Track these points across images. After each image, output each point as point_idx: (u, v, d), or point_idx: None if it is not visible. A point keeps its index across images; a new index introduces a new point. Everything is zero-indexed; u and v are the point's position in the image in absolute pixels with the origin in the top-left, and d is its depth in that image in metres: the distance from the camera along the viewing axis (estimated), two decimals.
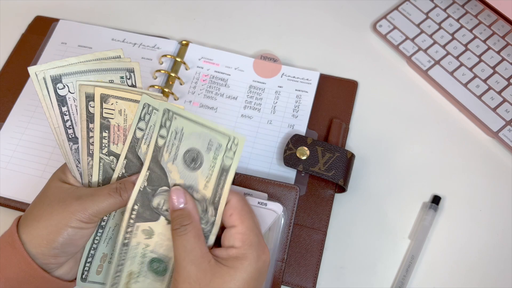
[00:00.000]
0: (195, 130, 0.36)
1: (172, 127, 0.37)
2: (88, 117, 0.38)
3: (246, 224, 0.37)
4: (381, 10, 0.64)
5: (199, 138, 0.36)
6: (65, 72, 0.38)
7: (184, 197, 0.37)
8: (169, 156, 0.37)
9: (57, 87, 0.38)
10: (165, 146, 0.37)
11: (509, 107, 0.56)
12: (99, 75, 0.39)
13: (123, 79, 0.39)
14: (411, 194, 0.53)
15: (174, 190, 0.38)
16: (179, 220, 0.37)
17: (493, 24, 0.61)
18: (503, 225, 0.51)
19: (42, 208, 0.38)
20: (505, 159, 0.55)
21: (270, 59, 0.60)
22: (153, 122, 0.38)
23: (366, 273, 0.50)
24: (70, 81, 0.38)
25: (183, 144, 0.37)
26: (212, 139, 0.36)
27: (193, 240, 0.36)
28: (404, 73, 0.60)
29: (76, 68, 0.38)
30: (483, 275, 0.49)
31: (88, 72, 0.38)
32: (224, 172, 0.37)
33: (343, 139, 0.55)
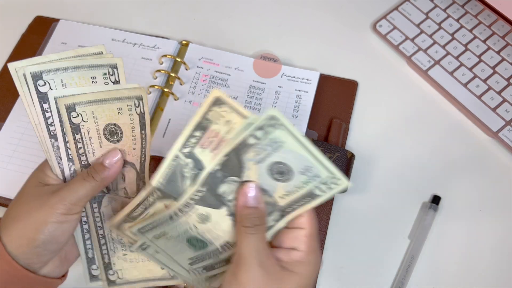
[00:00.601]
0: (296, 151, 0.33)
1: (271, 134, 0.33)
2: (73, 128, 0.38)
3: (314, 229, 0.36)
4: (381, 10, 0.64)
5: (297, 159, 0.34)
6: (46, 69, 0.37)
7: (260, 196, 0.36)
8: (255, 157, 0.34)
9: (38, 84, 0.37)
10: (254, 146, 0.34)
11: (509, 107, 0.56)
12: (81, 71, 0.38)
13: (105, 75, 0.38)
14: (411, 194, 0.53)
15: (252, 185, 0.35)
16: (253, 219, 0.36)
17: (493, 24, 0.61)
18: (503, 225, 0.51)
19: (20, 207, 0.38)
20: (505, 159, 0.55)
21: (270, 59, 0.60)
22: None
23: (366, 273, 0.50)
24: (51, 78, 0.37)
25: (276, 155, 0.34)
26: (313, 168, 0.34)
27: (263, 241, 0.36)
28: (404, 73, 0.60)
29: (57, 65, 0.37)
30: (483, 275, 0.49)
31: (70, 69, 0.37)
32: (309, 197, 0.35)
33: (343, 139, 0.55)
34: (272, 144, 0.33)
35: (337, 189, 0.34)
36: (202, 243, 0.39)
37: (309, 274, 0.36)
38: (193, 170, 0.36)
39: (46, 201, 0.37)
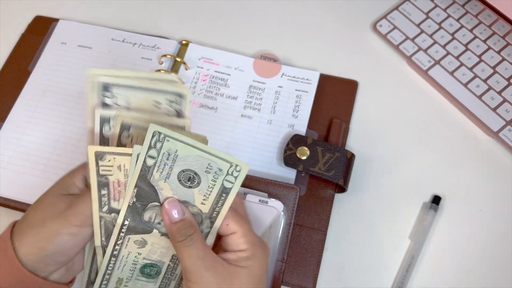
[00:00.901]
0: (191, 154, 0.36)
1: (163, 149, 0.36)
2: (119, 143, 0.38)
3: (245, 227, 0.38)
4: (381, 10, 0.64)
5: (196, 161, 0.36)
6: (116, 83, 0.38)
7: (181, 208, 0.37)
8: (160, 175, 0.37)
9: (105, 95, 0.38)
10: (155, 166, 0.36)
11: (509, 107, 0.56)
12: (148, 93, 0.38)
13: (169, 102, 0.39)
14: (411, 194, 0.53)
15: (169, 202, 0.37)
16: (183, 231, 0.36)
17: (493, 24, 0.61)
18: (503, 225, 0.51)
19: (36, 214, 0.38)
20: (505, 159, 0.55)
21: (270, 59, 0.60)
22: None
23: (366, 273, 0.50)
24: (118, 93, 0.38)
25: (178, 165, 0.36)
26: (212, 163, 0.36)
27: (202, 247, 0.36)
28: (404, 73, 0.60)
29: (127, 81, 0.38)
30: (483, 275, 0.49)
31: (138, 89, 0.38)
32: (224, 193, 0.37)
33: (343, 139, 0.55)
34: (169, 156, 0.36)
35: (242, 174, 0.36)
36: (155, 267, 0.40)
37: (261, 264, 0.37)
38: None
39: (61, 212, 0.37)
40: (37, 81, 0.59)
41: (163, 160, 0.36)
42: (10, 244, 0.37)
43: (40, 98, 0.58)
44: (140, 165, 0.36)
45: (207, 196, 0.37)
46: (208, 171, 0.36)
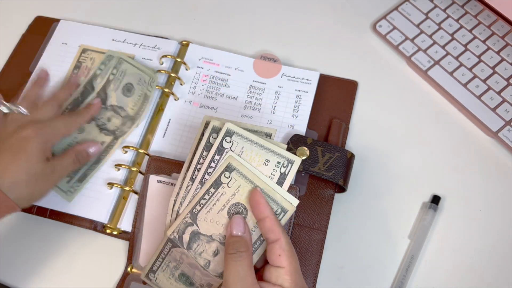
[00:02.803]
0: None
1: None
2: (214, 183, 0.41)
3: (294, 266, 0.39)
4: (381, 10, 0.64)
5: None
6: (238, 132, 0.42)
7: (244, 226, 0.40)
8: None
9: (225, 139, 0.41)
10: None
11: (508, 107, 0.56)
12: (261, 150, 0.41)
13: (279, 164, 0.41)
14: (411, 194, 0.53)
15: (237, 217, 0.40)
16: (236, 246, 0.39)
17: (493, 25, 0.61)
18: (503, 225, 0.51)
19: (28, 180, 0.45)
20: (505, 159, 0.55)
21: (270, 59, 0.60)
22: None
23: (366, 273, 0.50)
24: (237, 140, 0.42)
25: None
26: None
27: (247, 268, 0.38)
28: (404, 73, 0.60)
29: (248, 134, 0.42)
30: (482, 275, 0.49)
31: (255, 143, 0.42)
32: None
33: (343, 139, 0.55)
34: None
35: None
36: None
37: None
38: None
39: (50, 179, 0.47)
40: None
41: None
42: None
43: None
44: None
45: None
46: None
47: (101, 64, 0.58)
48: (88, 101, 0.55)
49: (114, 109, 0.55)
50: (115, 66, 0.57)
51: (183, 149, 0.55)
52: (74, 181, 0.52)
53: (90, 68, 0.59)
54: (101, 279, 0.50)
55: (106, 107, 0.55)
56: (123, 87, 0.56)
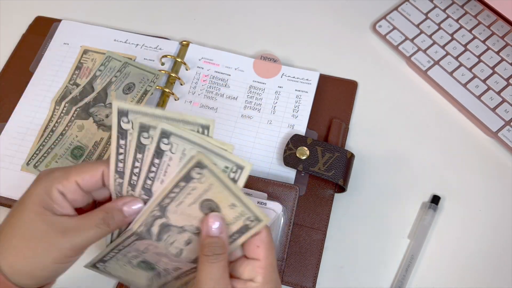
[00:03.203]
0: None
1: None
2: (156, 152, 0.36)
3: (270, 260, 0.37)
4: (380, 10, 0.64)
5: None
6: (176, 133, 0.36)
7: (221, 227, 0.37)
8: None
9: (162, 142, 0.36)
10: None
11: (508, 107, 0.56)
12: (205, 153, 0.36)
13: (227, 169, 0.36)
14: (411, 194, 0.53)
15: (214, 215, 0.37)
16: (213, 248, 0.36)
17: (493, 25, 0.61)
18: (503, 225, 0.52)
19: (24, 242, 0.35)
20: (505, 159, 0.55)
21: (270, 59, 0.60)
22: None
23: (366, 273, 0.50)
24: (176, 142, 0.36)
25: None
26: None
27: (222, 270, 0.36)
28: (404, 73, 0.61)
29: (188, 135, 0.36)
30: (482, 275, 0.49)
31: (197, 145, 0.36)
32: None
33: (343, 139, 0.55)
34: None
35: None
36: (80, 149, 0.43)
37: None
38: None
39: (54, 243, 0.35)
40: (40, 82, 0.59)
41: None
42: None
43: (43, 98, 0.58)
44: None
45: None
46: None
47: (101, 65, 0.58)
48: (88, 101, 0.55)
49: None
50: (119, 69, 0.57)
51: None
52: None
53: (91, 69, 0.59)
54: (101, 279, 0.50)
55: (105, 105, 0.55)
56: (124, 86, 0.56)
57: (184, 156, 0.36)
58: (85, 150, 0.53)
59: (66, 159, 0.53)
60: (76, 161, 0.53)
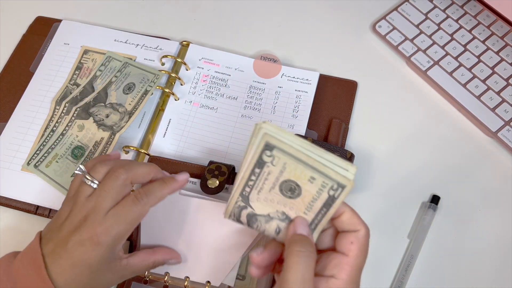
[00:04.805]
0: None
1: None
2: (258, 162, 0.36)
3: (360, 261, 0.36)
4: (380, 10, 0.65)
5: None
6: (280, 147, 0.35)
7: (308, 229, 0.37)
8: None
9: (265, 153, 0.36)
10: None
11: (508, 107, 0.56)
12: (307, 169, 0.35)
13: (326, 185, 0.36)
14: (410, 194, 0.53)
15: (298, 219, 0.37)
16: (304, 244, 0.35)
17: (492, 25, 0.61)
18: (502, 225, 0.52)
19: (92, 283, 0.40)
20: (504, 159, 0.55)
21: (270, 60, 0.61)
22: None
23: (365, 272, 0.50)
24: (278, 155, 0.36)
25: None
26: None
27: (311, 271, 0.34)
28: (404, 74, 0.61)
29: (295, 152, 0.35)
30: (482, 275, 0.50)
31: (301, 162, 0.35)
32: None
33: (343, 139, 0.56)
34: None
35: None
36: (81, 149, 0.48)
37: None
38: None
39: (114, 283, 0.43)
40: (40, 82, 0.59)
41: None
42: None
43: (43, 98, 0.58)
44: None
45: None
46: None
47: (101, 65, 0.58)
48: (88, 101, 0.55)
49: (113, 106, 0.55)
50: (119, 69, 0.57)
51: (183, 149, 0.55)
52: None
53: (91, 69, 0.59)
54: None
55: (105, 105, 0.55)
56: (124, 86, 0.56)
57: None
58: (86, 150, 0.53)
59: (67, 159, 0.53)
60: (77, 161, 0.53)
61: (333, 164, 0.35)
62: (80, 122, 0.55)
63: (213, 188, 0.49)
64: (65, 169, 0.53)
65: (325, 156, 0.35)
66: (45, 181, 0.52)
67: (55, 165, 0.53)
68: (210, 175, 0.50)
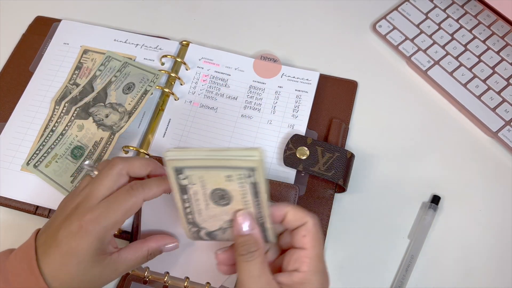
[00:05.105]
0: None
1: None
2: (181, 189, 0.38)
3: (317, 250, 0.37)
4: (380, 10, 0.64)
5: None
6: (187, 165, 0.36)
7: (252, 222, 0.37)
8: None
9: (179, 178, 0.37)
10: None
11: (508, 107, 0.56)
12: (219, 170, 0.36)
13: (241, 176, 0.36)
14: (411, 194, 0.53)
15: (243, 214, 0.37)
16: (247, 247, 0.36)
17: (493, 25, 0.61)
18: (502, 225, 0.52)
19: (83, 283, 0.39)
20: (505, 159, 0.55)
21: (270, 59, 0.60)
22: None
23: (366, 273, 0.50)
24: (191, 174, 0.37)
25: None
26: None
27: (260, 267, 0.36)
28: (404, 73, 0.61)
29: (198, 163, 0.36)
30: (482, 275, 0.49)
31: (210, 168, 0.36)
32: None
33: (343, 139, 0.55)
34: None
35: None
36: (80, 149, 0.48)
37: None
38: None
39: (107, 278, 0.41)
40: (40, 82, 0.59)
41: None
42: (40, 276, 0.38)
43: (43, 98, 0.58)
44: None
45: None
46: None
47: (101, 65, 0.58)
48: (88, 100, 0.55)
49: (113, 106, 0.55)
50: (119, 69, 0.57)
51: None
52: (78, 181, 0.52)
53: (91, 69, 0.59)
54: None
55: (104, 105, 0.55)
56: (124, 86, 0.56)
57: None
58: (85, 150, 0.53)
59: (66, 159, 0.53)
60: (76, 161, 0.53)
61: (237, 155, 0.35)
62: (79, 122, 0.54)
63: None
64: (64, 169, 0.52)
65: (227, 153, 0.35)
66: (44, 181, 0.52)
67: (54, 165, 0.53)
68: None
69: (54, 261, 0.38)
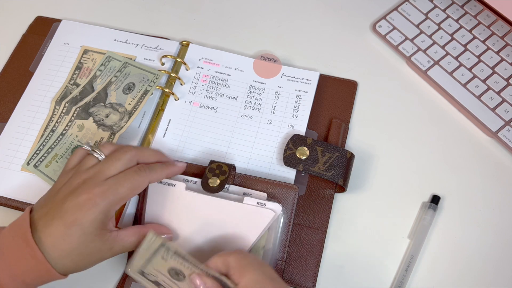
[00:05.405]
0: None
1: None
2: (155, 283, 0.42)
3: (248, 277, 0.38)
4: (380, 10, 0.64)
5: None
6: (140, 265, 0.42)
7: (203, 283, 0.40)
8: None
9: (146, 277, 0.42)
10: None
11: (508, 107, 0.56)
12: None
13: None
14: (411, 194, 0.53)
15: (194, 277, 0.40)
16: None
17: (493, 25, 0.61)
18: (502, 225, 0.52)
19: (81, 256, 0.41)
20: (504, 159, 0.55)
21: (270, 59, 0.60)
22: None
23: (365, 272, 0.50)
24: (149, 270, 0.42)
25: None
26: None
27: None
28: (404, 74, 0.61)
29: (141, 260, 0.42)
30: (482, 275, 0.49)
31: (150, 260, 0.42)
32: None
33: (343, 139, 0.55)
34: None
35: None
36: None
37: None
38: None
39: (103, 255, 0.43)
40: (40, 82, 0.59)
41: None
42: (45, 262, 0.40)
43: (43, 98, 0.58)
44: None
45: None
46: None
47: (101, 65, 0.58)
48: (88, 100, 0.55)
49: (113, 106, 0.55)
50: (119, 69, 0.57)
51: (183, 149, 0.55)
52: None
53: (91, 69, 0.59)
54: (101, 279, 0.50)
55: (104, 105, 0.55)
56: (124, 86, 0.56)
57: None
58: None
59: (66, 159, 0.53)
60: None
61: (148, 239, 0.42)
62: (80, 122, 0.55)
63: (214, 187, 0.49)
64: None
65: (146, 240, 0.42)
66: (44, 181, 0.52)
67: (54, 165, 0.53)
68: (211, 174, 0.50)
69: (57, 231, 0.40)
